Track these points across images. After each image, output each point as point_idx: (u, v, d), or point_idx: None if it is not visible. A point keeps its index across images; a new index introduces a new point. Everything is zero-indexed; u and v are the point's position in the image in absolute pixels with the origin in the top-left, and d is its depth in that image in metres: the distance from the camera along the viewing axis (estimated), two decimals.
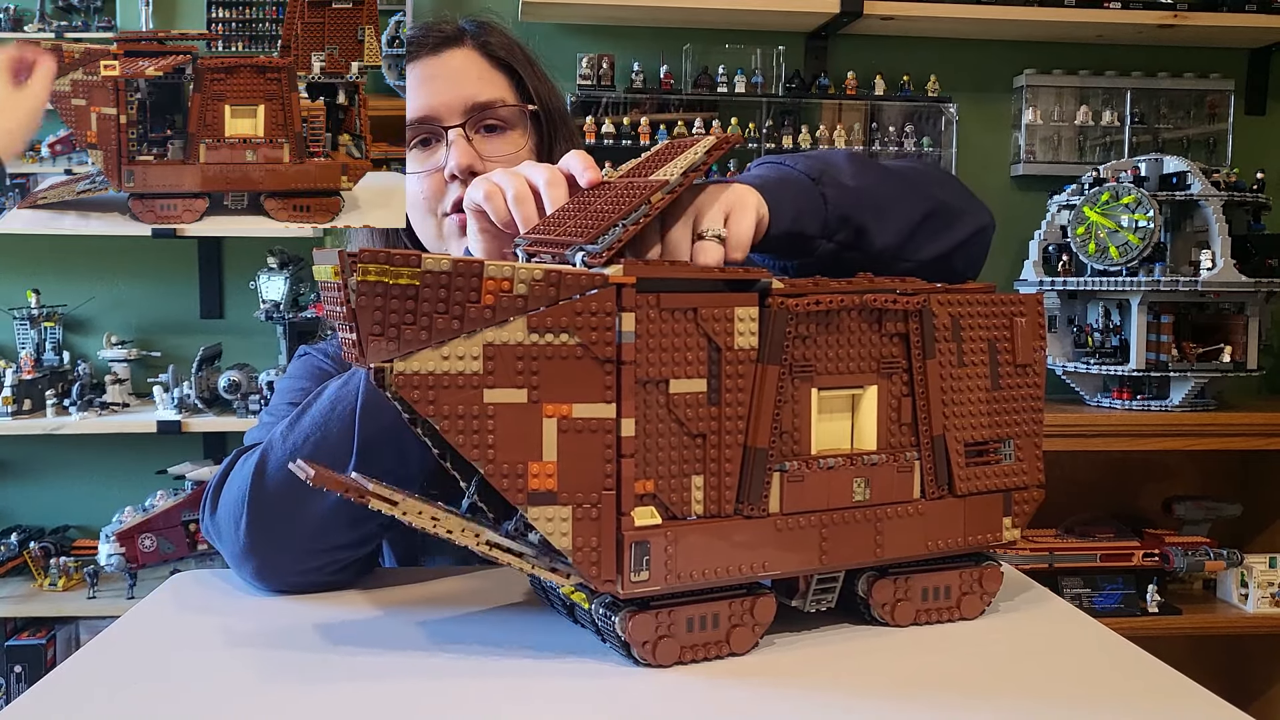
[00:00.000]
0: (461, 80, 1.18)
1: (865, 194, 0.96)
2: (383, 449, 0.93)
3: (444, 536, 0.71)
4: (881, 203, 0.97)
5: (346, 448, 0.94)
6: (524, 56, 1.24)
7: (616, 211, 0.76)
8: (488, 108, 1.18)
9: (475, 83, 1.18)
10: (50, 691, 0.71)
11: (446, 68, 1.18)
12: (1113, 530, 2.67)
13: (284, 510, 0.94)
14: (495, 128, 1.19)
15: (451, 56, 1.19)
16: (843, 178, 0.96)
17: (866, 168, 0.99)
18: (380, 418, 0.92)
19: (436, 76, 1.18)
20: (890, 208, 0.97)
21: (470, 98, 1.17)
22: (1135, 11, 2.72)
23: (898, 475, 0.81)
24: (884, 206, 0.97)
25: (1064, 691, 0.72)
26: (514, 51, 1.22)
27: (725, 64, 2.81)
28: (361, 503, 0.69)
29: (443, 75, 1.18)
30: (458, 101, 1.17)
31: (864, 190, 0.96)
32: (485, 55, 1.20)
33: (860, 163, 0.99)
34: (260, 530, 0.94)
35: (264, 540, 0.94)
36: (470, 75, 1.18)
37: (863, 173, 0.98)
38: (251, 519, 0.94)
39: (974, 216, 1.04)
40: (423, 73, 1.19)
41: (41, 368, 2.60)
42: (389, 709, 0.68)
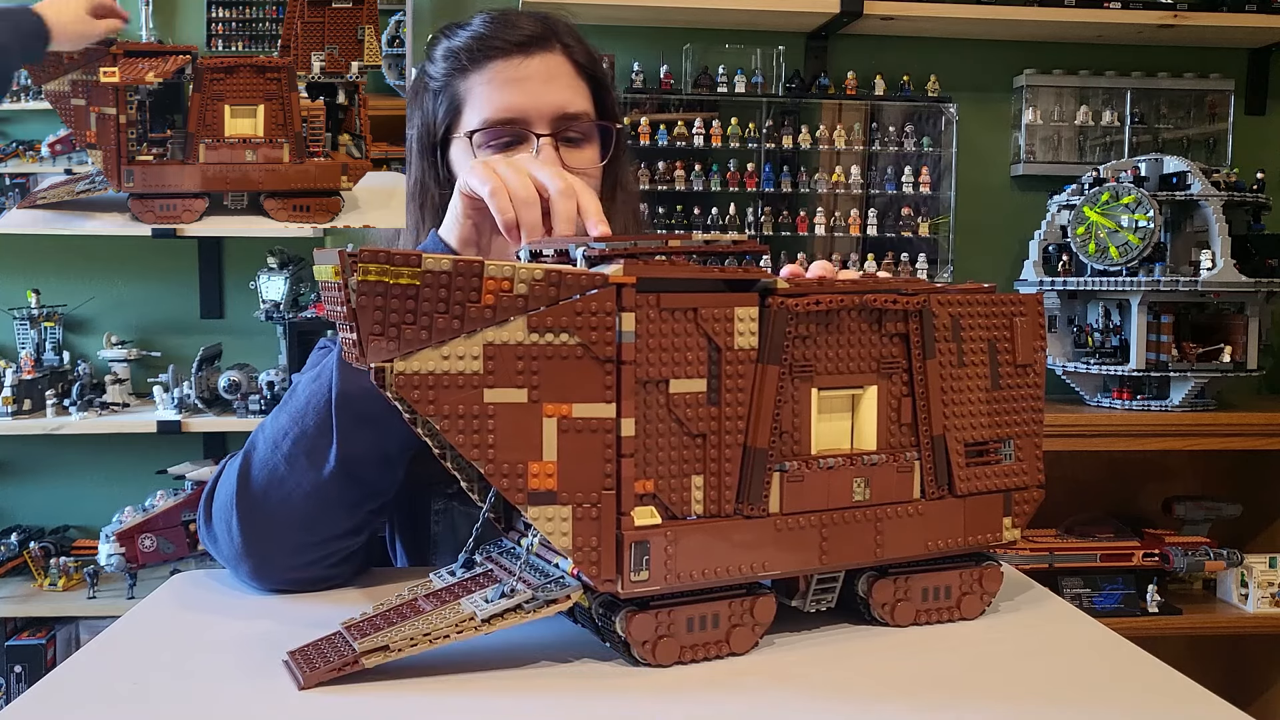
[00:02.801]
0: (553, 87, 1.14)
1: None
2: (362, 433, 0.93)
3: (444, 644, 0.71)
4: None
5: (326, 439, 0.93)
6: (602, 67, 1.22)
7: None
8: (576, 119, 1.15)
9: (566, 91, 1.15)
10: (50, 691, 0.71)
11: (539, 70, 1.14)
12: (1113, 530, 2.67)
13: (272, 506, 0.94)
14: (574, 139, 1.17)
15: (544, 60, 1.15)
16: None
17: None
18: (354, 405, 0.92)
19: (528, 79, 1.14)
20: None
21: (562, 106, 1.14)
22: (1135, 11, 2.72)
23: (898, 475, 0.81)
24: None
25: (1064, 691, 0.72)
26: (596, 64, 1.20)
27: (725, 64, 2.81)
28: (355, 670, 0.70)
29: (534, 78, 1.14)
30: (549, 108, 1.14)
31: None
32: (572, 62, 1.17)
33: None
34: (251, 528, 0.94)
35: (256, 538, 0.94)
36: (562, 82, 1.15)
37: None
38: (242, 518, 0.94)
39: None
40: (512, 72, 1.14)
41: (42, 368, 2.60)
42: (388, 708, 0.68)
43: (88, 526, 2.77)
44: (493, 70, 1.14)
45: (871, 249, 2.86)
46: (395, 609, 0.76)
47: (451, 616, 0.73)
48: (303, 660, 0.72)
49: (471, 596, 0.75)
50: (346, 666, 0.70)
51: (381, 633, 0.72)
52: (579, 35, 1.20)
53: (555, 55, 1.16)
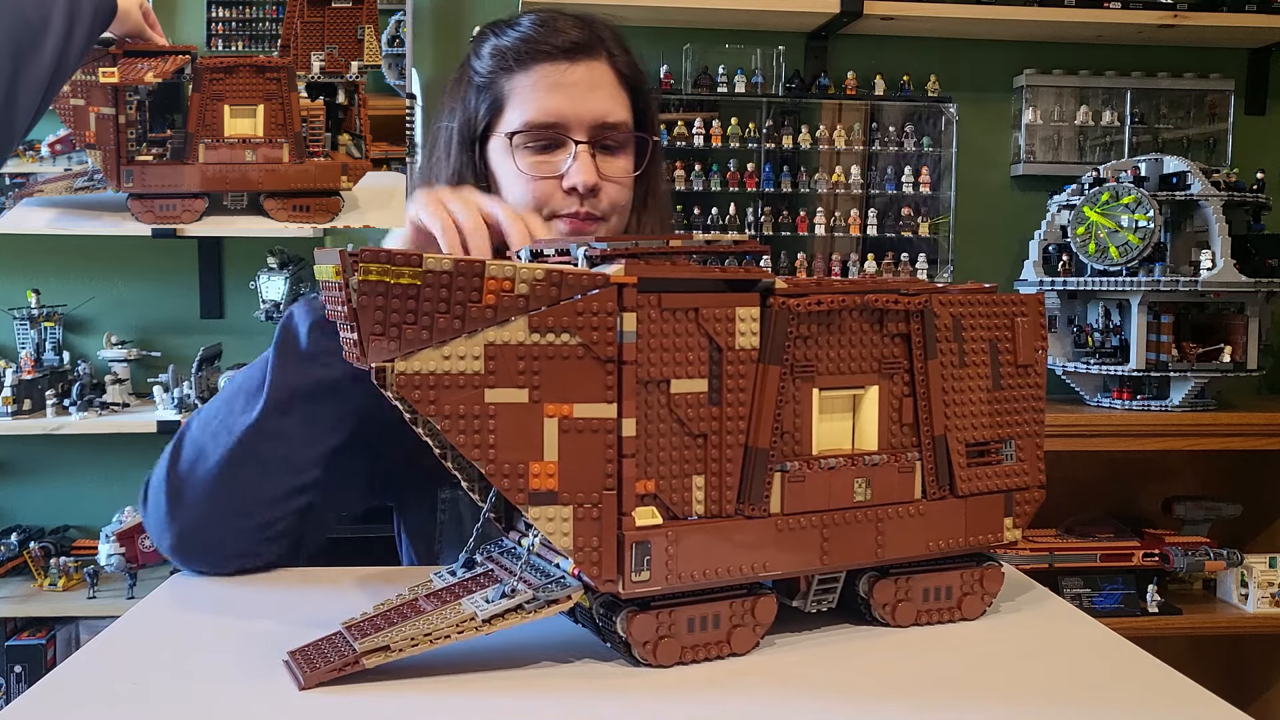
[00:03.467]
0: (595, 95, 1.17)
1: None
2: (292, 411, 0.99)
3: (445, 644, 0.72)
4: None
5: (259, 384, 1.00)
6: (645, 80, 1.24)
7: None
8: (614, 128, 1.18)
9: (607, 100, 1.18)
10: (50, 691, 0.71)
11: (583, 78, 1.17)
12: (1113, 530, 2.67)
13: (197, 474, 0.99)
14: (611, 147, 1.19)
15: (588, 68, 1.17)
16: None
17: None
18: (294, 355, 1.01)
19: (572, 85, 1.16)
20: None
21: (602, 115, 1.17)
22: (1135, 11, 2.73)
23: (899, 475, 0.81)
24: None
25: (1064, 691, 0.72)
26: (639, 75, 1.23)
27: (725, 64, 2.81)
28: (356, 670, 0.70)
29: (578, 85, 1.16)
30: (589, 115, 1.16)
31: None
32: (616, 72, 1.20)
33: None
34: (176, 497, 0.99)
35: (181, 506, 0.99)
36: (604, 91, 1.18)
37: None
38: (170, 489, 1.00)
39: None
40: (557, 78, 1.17)
41: (42, 368, 2.60)
42: (389, 709, 0.68)
43: (88, 526, 2.78)
44: (538, 73, 1.17)
45: (871, 249, 2.86)
46: (396, 609, 0.76)
47: (452, 616, 0.73)
48: (303, 660, 0.72)
49: (472, 596, 0.75)
50: (347, 666, 0.70)
51: (382, 633, 0.72)
52: (624, 44, 1.22)
53: (600, 64, 1.18)
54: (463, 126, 1.21)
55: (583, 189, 1.15)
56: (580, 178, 1.15)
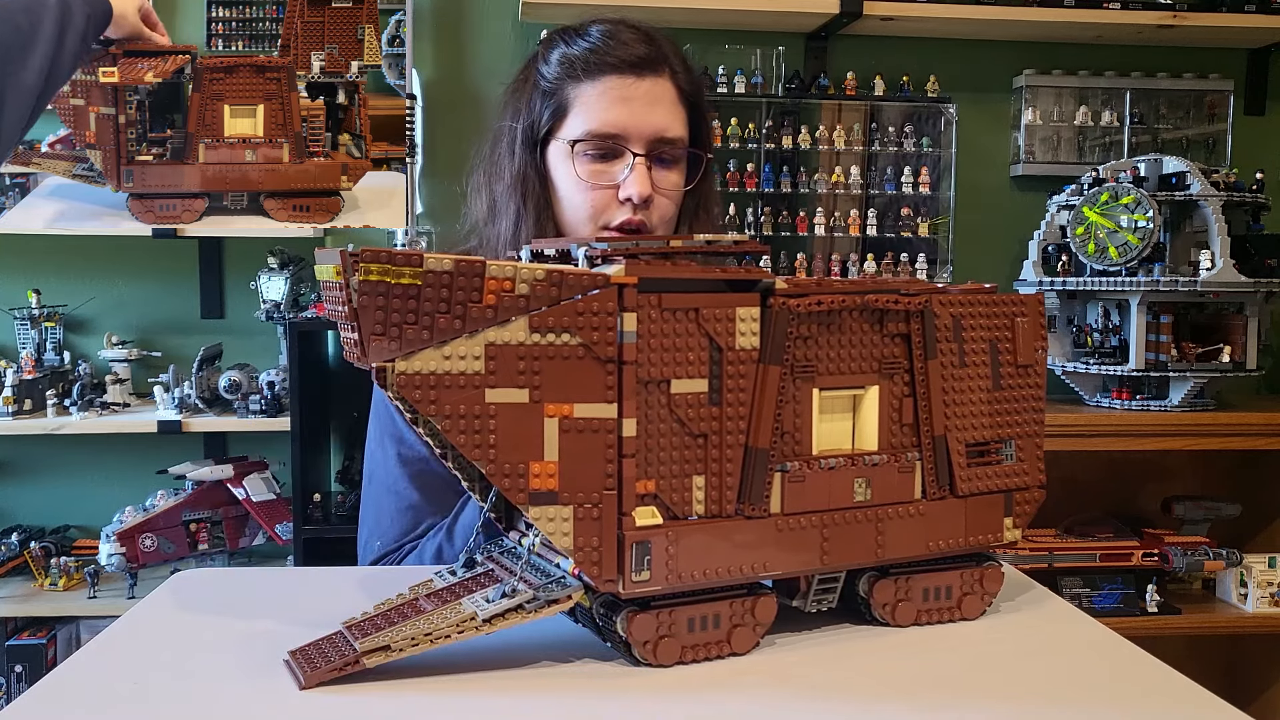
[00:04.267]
0: (656, 110, 1.21)
1: None
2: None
3: (445, 644, 0.72)
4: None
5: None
6: (704, 98, 1.28)
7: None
8: (671, 143, 1.23)
9: (667, 116, 1.22)
10: (50, 691, 0.71)
11: (646, 93, 1.21)
12: (1112, 530, 2.67)
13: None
14: (666, 161, 1.24)
15: (654, 84, 1.22)
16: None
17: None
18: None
19: (636, 99, 1.21)
20: None
21: (661, 130, 1.21)
22: (1135, 12, 2.72)
23: (899, 475, 0.81)
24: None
25: (1064, 691, 0.72)
26: (699, 92, 1.27)
27: (725, 64, 2.81)
28: (356, 669, 0.71)
29: (642, 100, 1.21)
30: (649, 129, 1.20)
31: None
32: (677, 89, 1.24)
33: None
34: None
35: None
36: (664, 108, 1.22)
37: None
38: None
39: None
40: (622, 90, 1.21)
41: (42, 368, 2.60)
42: (389, 708, 0.68)
43: (88, 526, 2.78)
44: (605, 84, 1.21)
45: (871, 249, 2.86)
46: (396, 609, 0.76)
47: (452, 616, 0.73)
48: (303, 660, 0.72)
49: (473, 596, 0.75)
50: (347, 666, 0.70)
51: (382, 632, 0.72)
52: (687, 62, 1.27)
53: (663, 80, 1.23)
54: (526, 128, 1.25)
55: (637, 199, 1.20)
56: (636, 189, 1.19)
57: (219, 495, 2.59)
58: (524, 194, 1.24)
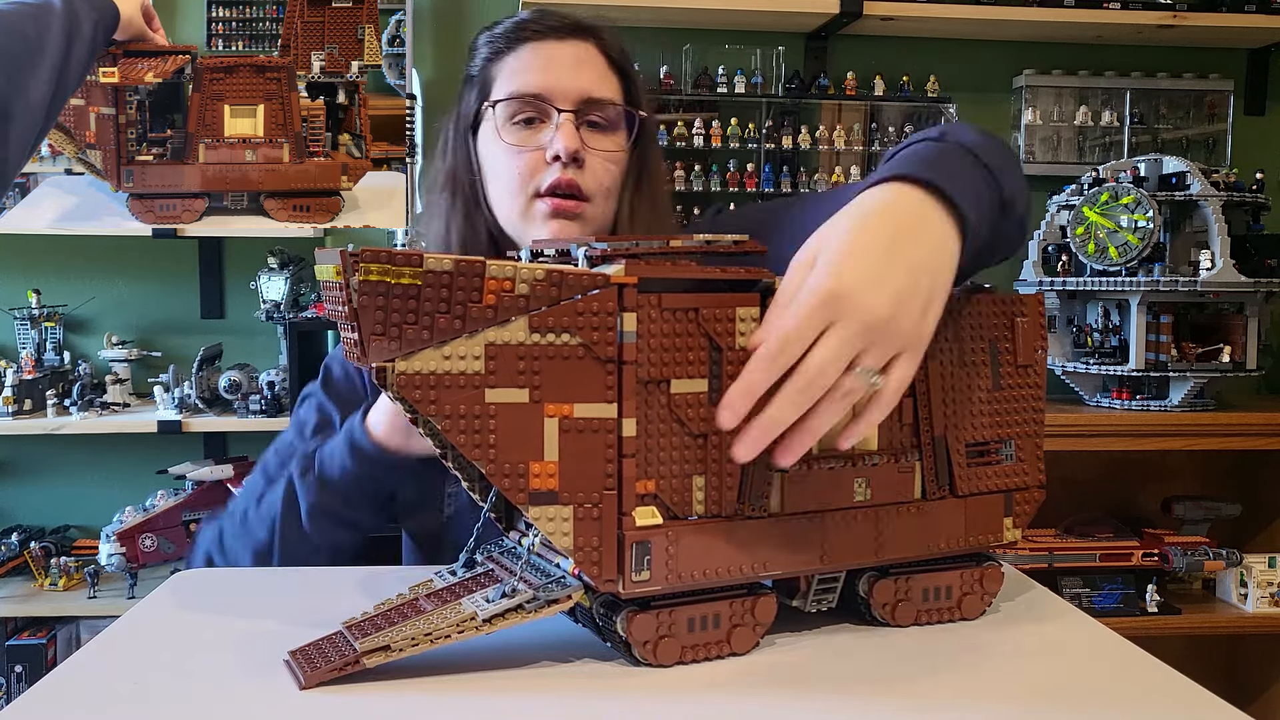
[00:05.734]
0: (582, 71, 1.18)
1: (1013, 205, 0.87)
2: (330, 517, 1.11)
3: (445, 644, 0.72)
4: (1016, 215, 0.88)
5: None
6: (633, 69, 1.25)
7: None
8: (600, 103, 1.18)
9: (594, 78, 1.18)
10: (50, 691, 0.71)
11: (569, 55, 1.18)
12: (1112, 530, 2.67)
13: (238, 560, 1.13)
14: (599, 125, 1.19)
15: (575, 47, 1.19)
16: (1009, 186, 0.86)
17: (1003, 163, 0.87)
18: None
19: (557, 60, 1.18)
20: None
21: (587, 90, 1.17)
22: (1135, 12, 2.73)
23: (899, 475, 0.81)
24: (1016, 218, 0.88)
25: (1064, 691, 0.72)
26: (628, 60, 1.24)
27: (725, 64, 2.81)
28: (356, 670, 0.71)
29: (565, 62, 1.18)
30: (574, 89, 1.16)
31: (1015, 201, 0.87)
32: (605, 55, 1.21)
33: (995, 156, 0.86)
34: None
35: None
36: (591, 69, 1.19)
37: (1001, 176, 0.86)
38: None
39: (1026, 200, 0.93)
40: (544, 54, 1.18)
41: (42, 368, 2.60)
42: (389, 708, 0.68)
43: (88, 526, 2.78)
44: (526, 51, 1.19)
45: None
46: (396, 609, 0.76)
47: (452, 616, 0.73)
48: (304, 660, 0.72)
49: (473, 596, 0.75)
50: (347, 666, 0.70)
51: (382, 632, 0.72)
52: (617, 35, 1.24)
53: (588, 44, 1.20)
54: (458, 122, 1.23)
55: (565, 155, 1.14)
56: (562, 144, 1.14)
57: (219, 495, 2.58)
58: (453, 190, 1.21)
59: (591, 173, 1.16)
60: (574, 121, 1.16)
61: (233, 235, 2.64)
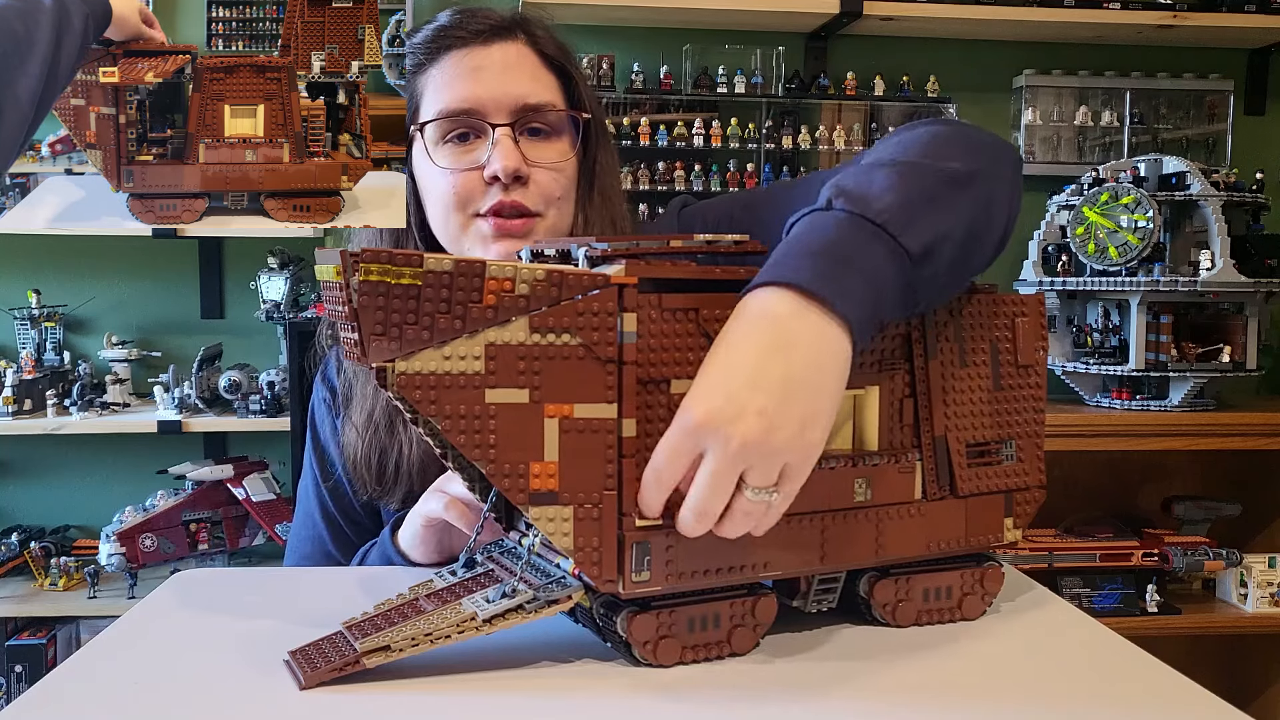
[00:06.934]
0: (513, 77, 1.09)
1: (939, 241, 0.75)
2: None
3: (445, 644, 0.72)
4: (949, 234, 0.77)
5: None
6: (573, 60, 1.16)
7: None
8: (538, 110, 1.10)
9: (527, 82, 1.09)
10: (50, 691, 0.71)
11: (497, 60, 1.09)
12: (1112, 530, 2.67)
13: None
14: (540, 131, 1.11)
15: (503, 49, 1.10)
16: (915, 228, 0.74)
17: (914, 190, 0.77)
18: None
19: (485, 68, 1.08)
20: (952, 234, 0.77)
21: (521, 97, 1.08)
22: (1135, 12, 2.73)
23: (899, 476, 0.81)
24: (950, 236, 0.77)
25: (1064, 691, 0.72)
26: (565, 53, 1.15)
27: (725, 64, 2.81)
28: (356, 670, 0.70)
29: (493, 68, 1.08)
30: (507, 99, 1.08)
31: (940, 237, 0.75)
32: (537, 53, 1.12)
33: (904, 185, 0.77)
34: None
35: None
36: (523, 73, 1.10)
37: (921, 203, 0.76)
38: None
39: (1000, 189, 0.85)
40: (469, 62, 1.09)
41: (42, 368, 2.60)
42: (389, 708, 0.68)
43: (88, 526, 2.78)
44: (449, 61, 1.10)
45: None
46: (396, 609, 0.76)
47: (453, 616, 0.73)
48: (304, 660, 0.72)
49: (473, 596, 0.75)
50: (347, 666, 0.70)
51: (383, 633, 0.72)
52: (548, 27, 1.15)
53: (517, 44, 1.11)
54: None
55: (504, 176, 1.06)
56: (500, 163, 1.05)
57: (219, 495, 2.59)
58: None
59: (537, 186, 1.09)
60: (511, 135, 1.07)
61: (233, 235, 2.64)
